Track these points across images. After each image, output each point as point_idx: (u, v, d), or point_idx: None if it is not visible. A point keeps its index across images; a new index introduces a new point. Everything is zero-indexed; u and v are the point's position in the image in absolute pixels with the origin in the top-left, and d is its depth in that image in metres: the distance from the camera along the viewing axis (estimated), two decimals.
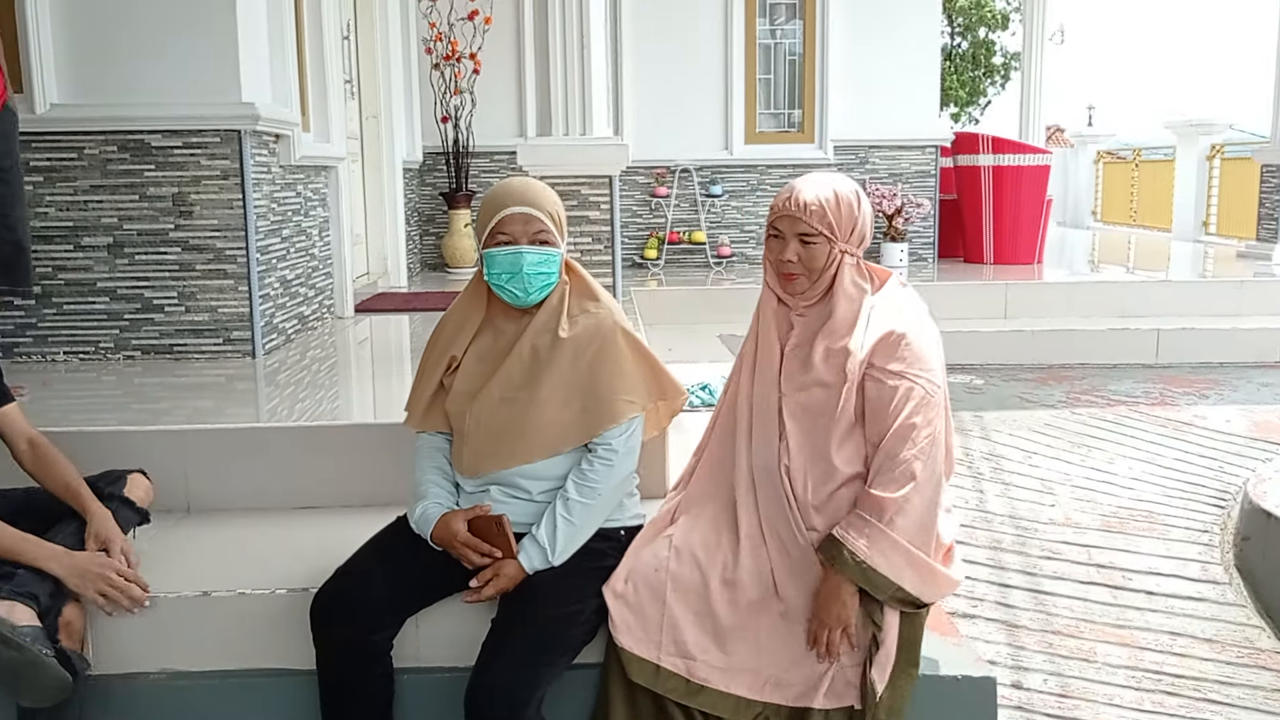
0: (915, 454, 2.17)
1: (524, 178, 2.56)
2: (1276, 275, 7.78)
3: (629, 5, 8.38)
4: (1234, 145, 13.92)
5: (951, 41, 26.23)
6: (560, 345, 2.42)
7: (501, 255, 2.40)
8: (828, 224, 2.27)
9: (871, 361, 2.23)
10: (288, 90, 4.66)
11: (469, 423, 2.44)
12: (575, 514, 2.36)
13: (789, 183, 2.37)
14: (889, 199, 8.18)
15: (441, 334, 2.56)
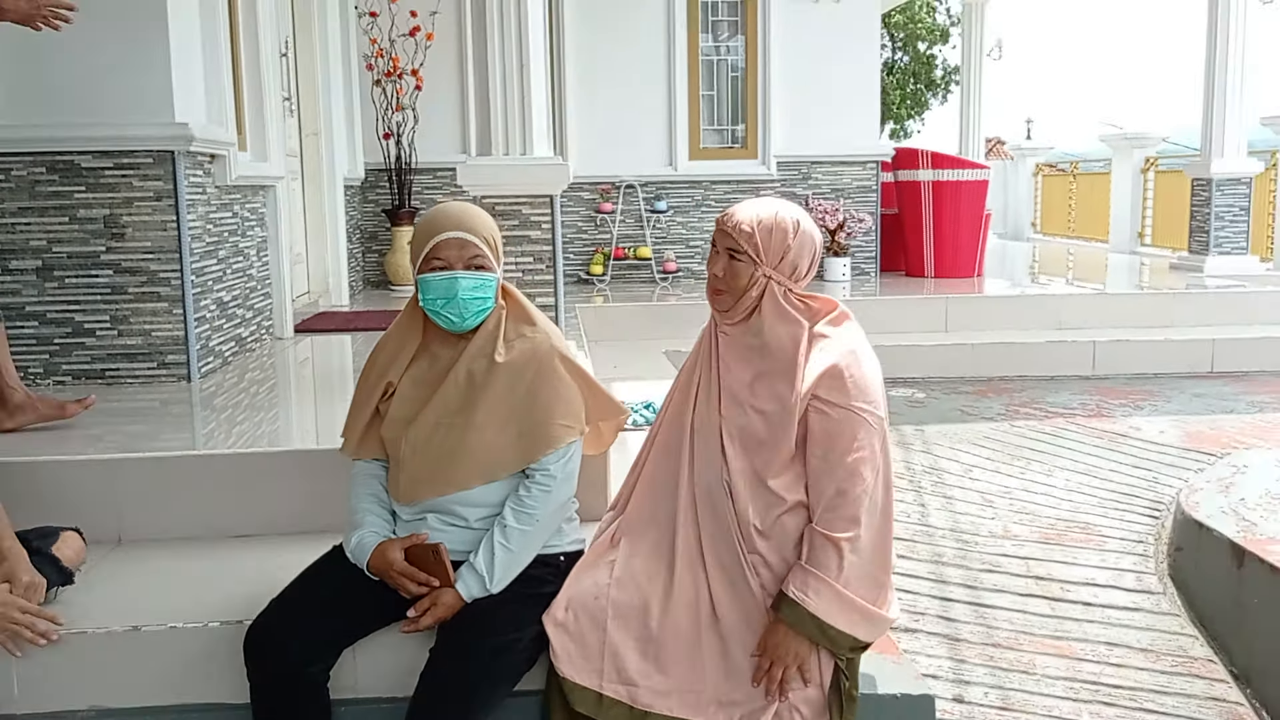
0: (862, 490, 2.18)
1: (460, 202, 2.55)
2: (1208, 287, 7.96)
3: (572, 21, 8.39)
4: (1167, 158, 14.25)
5: (893, 55, 26.58)
6: (497, 370, 2.41)
7: (436, 280, 2.38)
8: (754, 245, 2.29)
9: (815, 394, 2.23)
10: (223, 109, 4.60)
11: (405, 449, 2.42)
12: (513, 541, 2.34)
13: (738, 203, 2.40)
14: (831, 214, 8.26)
15: (377, 360, 2.54)
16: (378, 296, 7.58)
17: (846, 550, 2.16)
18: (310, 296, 6.62)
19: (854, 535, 2.16)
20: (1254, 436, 5.27)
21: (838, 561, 2.16)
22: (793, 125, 8.61)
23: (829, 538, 2.17)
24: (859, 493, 2.17)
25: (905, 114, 26.79)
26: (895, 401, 6.13)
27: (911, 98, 26.57)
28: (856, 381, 2.23)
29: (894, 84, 26.09)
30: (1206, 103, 8.81)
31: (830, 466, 2.20)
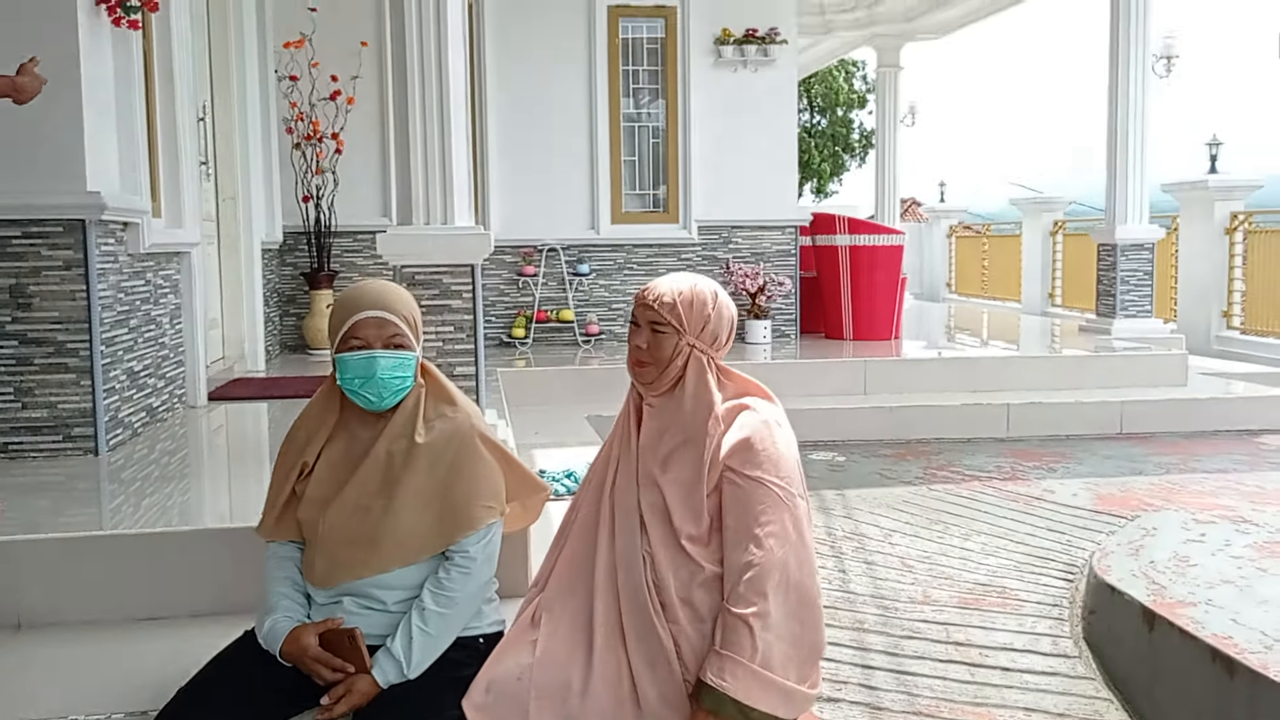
0: (770, 564, 2.18)
1: (379, 280, 2.54)
2: (1115, 350, 8.19)
3: (494, 85, 8.45)
4: (1075, 220, 14.76)
5: (812, 119, 27.23)
6: (416, 451, 2.39)
7: (354, 360, 2.36)
8: (677, 316, 2.35)
9: (728, 464, 2.26)
10: (138, 176, 4.53)
11: (322, 531, 2.37)
12: (431, 624, 2.30)
13: (656, 278, 2.45)
14: (752, 278, 8.37)
15: (294, 439, 2.49)
16: (295, 361, 7.46)
17: (758, 628, 2.15)
18: (225, 362, 6.50)
19: (761, 610, 2.16)
20: (1161, 498, 5.41)
21: (750, 641, 2.15)
22: (713, 190, 8.74)
23: (739, 616, 2.16)
24: (767, 566, 2.17)
25: (826, 174, 27.41)
26: (816, 465, 6.19)
27: (831, 160, 27.20)
28: (769, 454, 2.26)
29: (814, 146, 26.71)
30: (1109, 172, 9.14)
31: (739, 538, 2.22)
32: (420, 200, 4.24)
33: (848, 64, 25.83)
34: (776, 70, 8.78)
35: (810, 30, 13.45)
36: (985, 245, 16.95)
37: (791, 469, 2.29)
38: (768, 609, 2.17)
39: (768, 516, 2.21)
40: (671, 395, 2.38)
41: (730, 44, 8.60)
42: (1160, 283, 11.11)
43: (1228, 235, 10.92)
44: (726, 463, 2.26)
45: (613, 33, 8.62)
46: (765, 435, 2.28)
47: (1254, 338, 10.52)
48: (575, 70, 8.58)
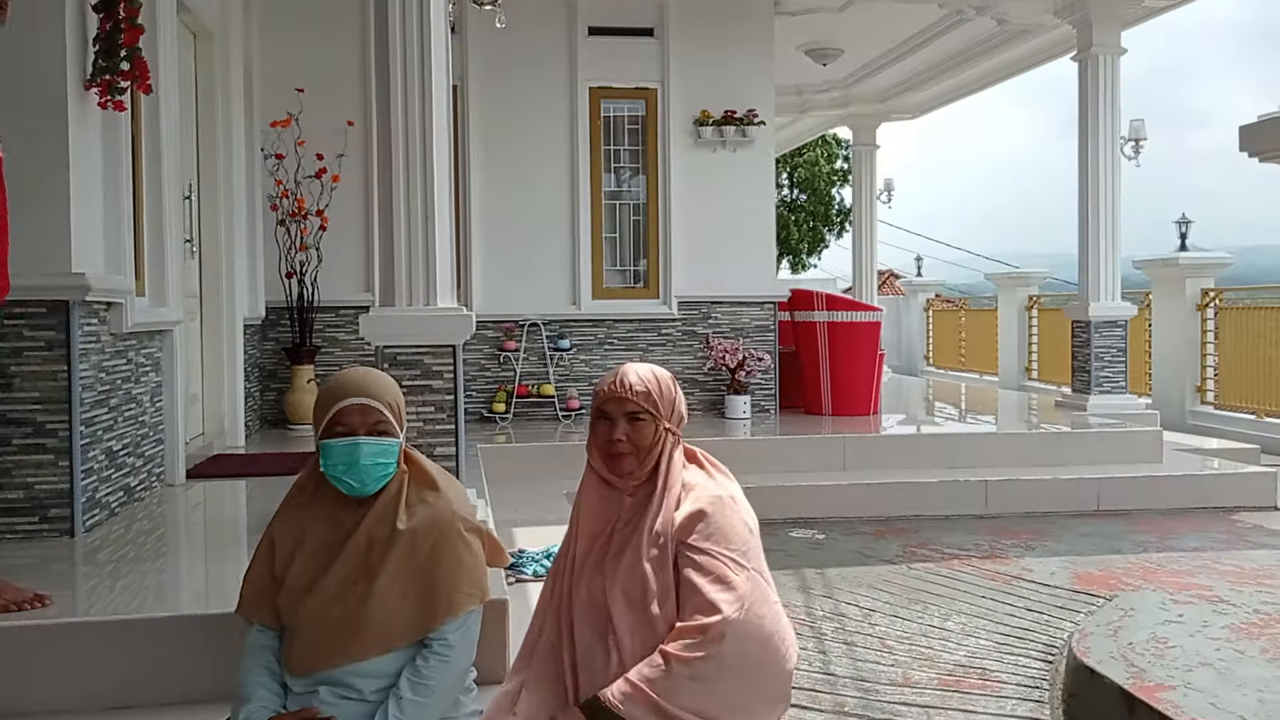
0: (713, 629, 2.20)
1: (363, 368, 2.57)
2: (1091, 426, 8.26)
3: (478, 160, 8.56)
4: (1050, 295, 14.95)
5: (792, 194, 27.62)
6: (398, 537, 2.40)
7: (338, 446, 2.39)
8: (652, 402, 2.41)
9: (680, 539, 2.32)
10: (122, 256, 4.56)
11: (301, 618, 2.37)
12: (408, 713, 2.30)
13: (608, 372, 2.49)
14: (731, 353, 8.43)
15: (276, 524, 2.51)
16: (275, 436, 7.45)
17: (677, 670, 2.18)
18: (205, 438, 6.47)
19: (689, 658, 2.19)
20: (1139, 577, 5.43)
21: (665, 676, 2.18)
22: (693, 266, 8.84)
23: (665, 653, 2.21)
24: (709, 631, 2.20)
25: (806, 249, 27.73)
26: (796, 543, 6.19)
27: (810, 235, 27.53)
28: (720, 527, 2.32)
29: (793, 222, 27.06)
30: (1081, 250, 9.31)
31: (687, 609, 2.26)
32: (403, 282, 4.29)
33: (828, 142, 26.26)
34: (754, 150, 8.94)
35: (788, 109, 13.72)
36: (962, 319, 17.13)
37: (743, 541, 2.33)
38: (698, 659, 2.19)
39: (715, 587, 2.24)
40: (650, 482, 2.42)
41: (709, 125, 8.77)
42: (1135, 357, 11.25)
43: (1199, 311, 11.09)
44: (678, 537, 2.32)
45: (594, 113, 8.77)
46: (718, 509, 2.35)
47: (1227, 412, 10.62)
48: (558, 148, 8.71)
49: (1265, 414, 10.11)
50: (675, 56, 8.76)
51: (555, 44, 8.64)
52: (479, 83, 8.53)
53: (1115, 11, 9.14)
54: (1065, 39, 9.96)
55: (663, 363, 8.74)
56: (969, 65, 11.62)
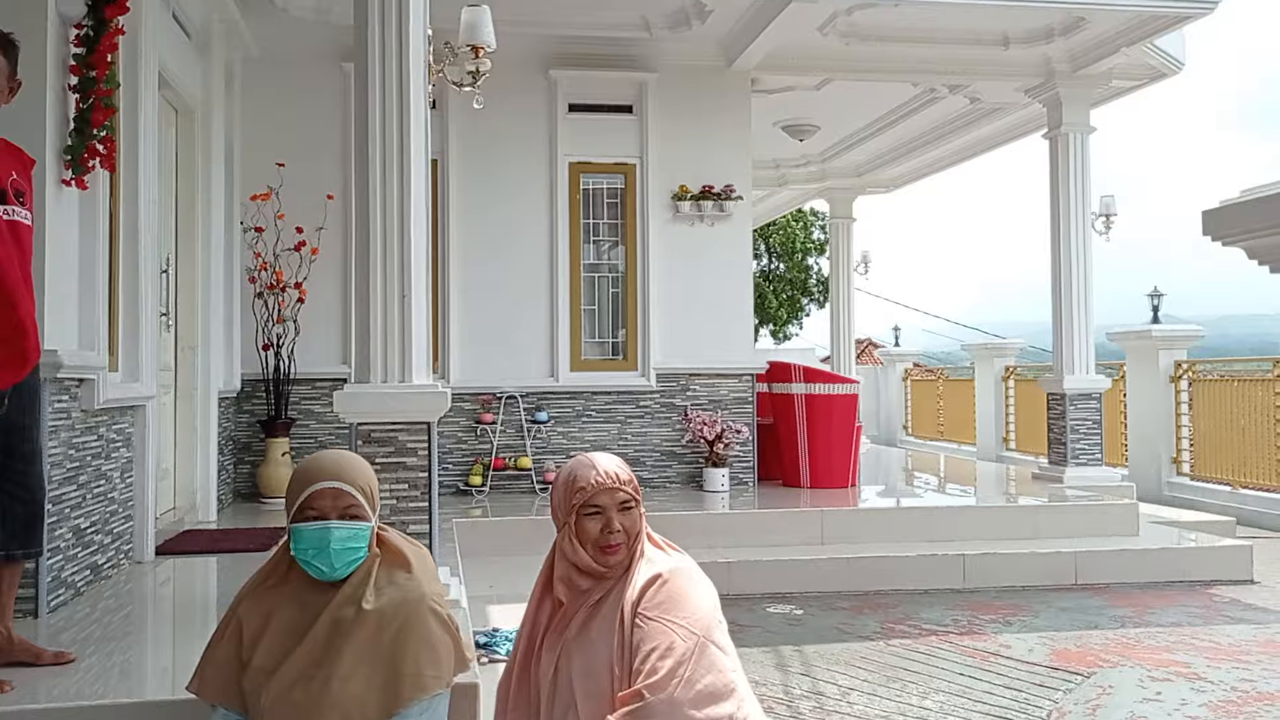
0: (653, 700, 2.18)
1: (337, 451, 2.57)
2: (1068, 498, 8.28)
3: (457, 233, 8.60)
4: (1025, 367, 15.06)
5: (770, 264, 27.86)
6: (364, 617, 2.38)
7: (309, 531, 2.38)
8: (634, 487, 2.47)
9: (635, 608, 2.33)
10: (96, 332, 4.54)
11: (265, 701, 2.34)
12: None
13: (575, 468, 2.49)
14: (709, 425, 8.43)
15: (243, 605, 2.48)
16: (247, 510, 7.37)
17: None
18: (176, 513, 6.40)
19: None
20: (1117, 654, 5.40)
21: None
22: (671, 338, 8.87)
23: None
24: (650, 701, 2.18)
25: (785, 318, 27.89)
26: (774, 619, 6.14)
27: (788, 304, 27.72)
28: (671, 595, 2.32)
29: (772, 291, 27.26)
30: (1055, 324, 9.41)
31: (637, 675, 2.24)
32: (378, 358, 4.28)
33: (805, 213, 26.57)
34: (732, 224, 9.03)
35: (766, 182, 13.90)
36: (940, 389, 17.21)
37: (694, 611, 2.32)
38: None
39: (661, 654, 2.23)
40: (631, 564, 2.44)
41: (687, 199, 8.87)
42: (1111, 429, 11.31)
43: (1173, 383, 11.19)
44: (635, 607, 2.33)
45: (574, 187, 8.85)
46: (673, 578, 2.36)
47: (1203, 484, 10.67)
48: (537, 221, 8.77)
49: (1240, 485, 10.16)
50: (654, 133, 8.88)
51: (536, 120, 8.75)
52: (459, 157, 8.61)
53: (1083, 91, 9.34)
54: (1037, 116, 10.17)
55: (641, 435, 8.74)
56: (943, 141, 11.83)
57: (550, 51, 8.68)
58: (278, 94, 8.19)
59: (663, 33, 8.48)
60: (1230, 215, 2.67)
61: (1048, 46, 8.89)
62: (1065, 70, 9.19)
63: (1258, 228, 2.59)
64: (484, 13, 5.18)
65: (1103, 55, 8.80)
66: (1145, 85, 9.77)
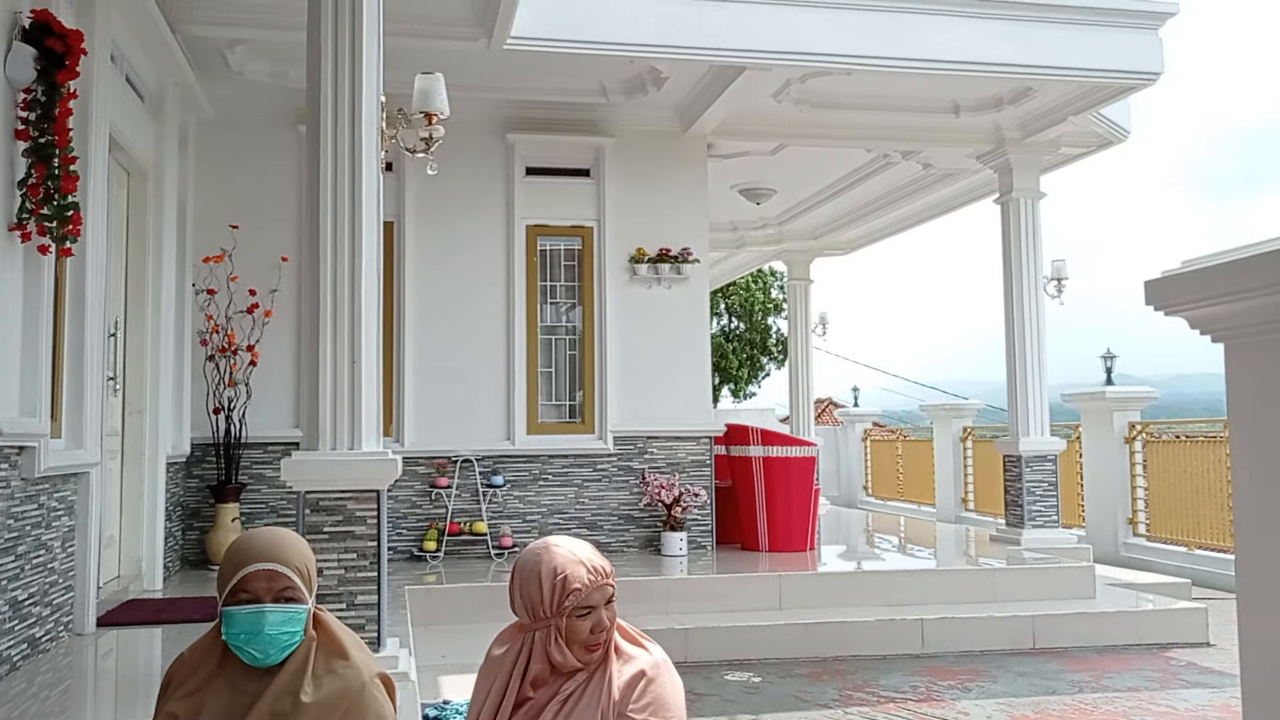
0: None
1: (272, 529, 2.48)
2: (1025, 561, 8.29)
3: (413, 296, 8.55)
4: (983, 428, 15.16)
5: (730, 323, 27.99)
6: (303, 710, 2.29)
7: (242, 615, 2.29)
8: (612, 577, 2.36)
9: (620, 709, 2.24)
10: (38, 398, 4.45)
11: None
12: None
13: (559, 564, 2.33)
14: (667, 488, 8.38)
15: (170, 693, 2.38)
16: (195, 577, 7.21)
17: None
18: (120, 582, 6.24)
19: None
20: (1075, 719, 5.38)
21: None
22: (629, 401, 8.85)
23: None
24: None
25: (745, 378, 27.97)
26: (731, 687, 6.06)
27: (748, 364, 27.81)
28: (659, 696, 2.26)
29: (731, 351, 27.35)
30: (1010, 386, 9.48)
31: None
32: (327, 424, 4.23)
33: (764, 274, 26.78)
34: (689, 286, 9.07)
35: (724, 244, 14.00)
36: (899, 449, 17.27)
37: (676, 709, 2.28)
38: None
39: None
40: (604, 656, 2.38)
41: (644, 262, 8.90)
42: (1068, 489, 11.38)
43: (1127, 444, 11.30)
44: (619, 707, 2.24)
45: (531, 249, 8.86)
46: (658, 675, 2.30)
47: (1159, 545, 10.73)
48: (494, 283, 8.74)
49: (1195, 546, 10.23)
50: (611, 196, 8.93)
51: (493, 182, 8.77)
52: (416, 218, 8.60)
53: (1033, 158, 9.52)
54: (989, 181, 10.34)
55: (599, 499, 8.68)
56: (898, 205, 11.99)
57: (508, 115, 8.73)
58: (232, 156, 8.16)
59: (619, 98, 8.56)
60: (1171, 286, 2.70)
61: (997, 114, 9.07)
62: (1015, 138, 9.37)
63: (1198, 298, 2.63)
64: (437, 80, 5.20)
65: (1051, 123, 8.98)
66: (1093, 152, 9.99)
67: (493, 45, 7.04)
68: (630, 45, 7.41)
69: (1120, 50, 7.98)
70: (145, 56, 6.52)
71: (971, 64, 7.85)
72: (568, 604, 2.28)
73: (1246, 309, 2.44)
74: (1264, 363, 2.44)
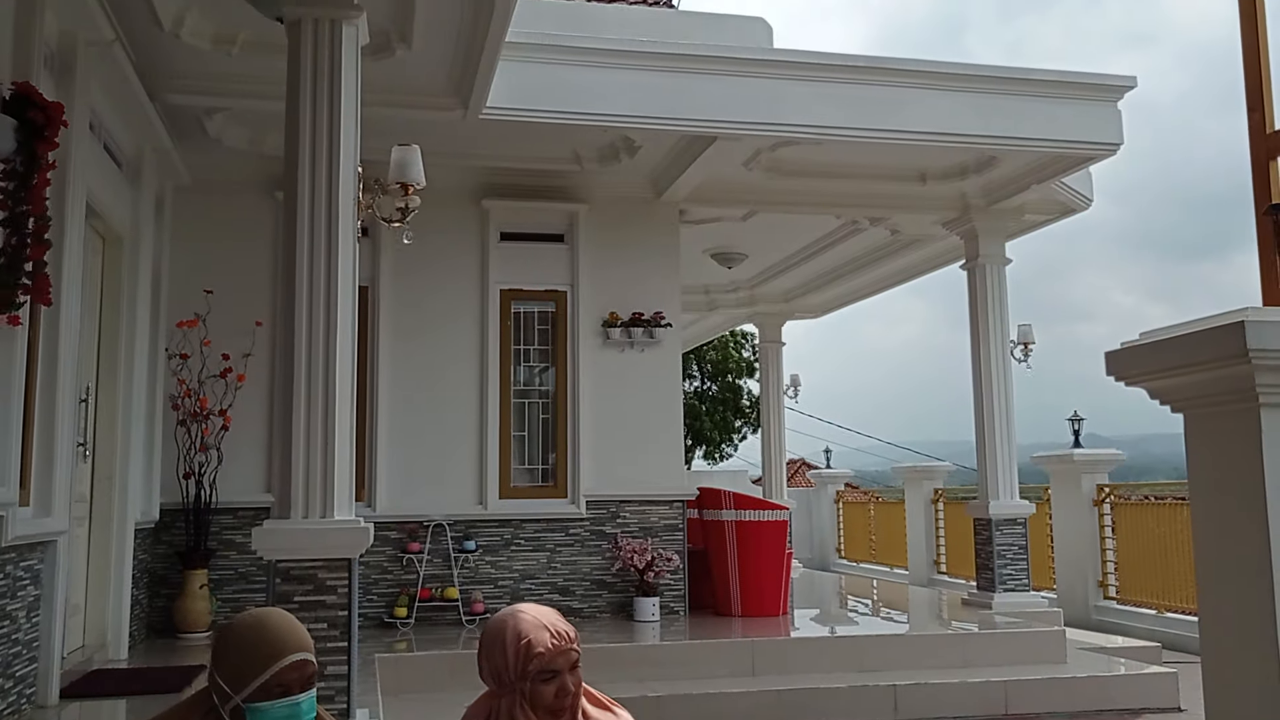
0: None
1: (281, 612, 2.39)
2: (997, 625, 8.30)
3: (386, 359, 8.55)
4: (953, 491, 15.23)
5: (703, 384, 28.08)
6: None
7: (279, 710, 2.21)
8: (577, 640, 2.37)
9: None
10: (7, 466, 4.42)
11: None
12: None
13: (523, 628, 2.34)
14: (640, 553, 8.36)
15: None
16: (161, 647, 7.10)
17: None
18: (85, 651, 6.14)
19: None
20: None
21: None
22: (601, 465, 8.85)
23: None
24: None
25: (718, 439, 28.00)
26: None
27: (721, 425, 27.87)
28: None
29: (704, 412, 27.42)
30: (979, 449, 9.56)
31: None
32: (299, 492, 4.23)
33: (736, 335, 26.94)
34: (662, 350, 9.12)
35: (696, 307, 14.11)
36: (872, 511, 17.31)
37: None
38: None
39: None
40: None
41: (617, 326, 8.96)
42: (1038, 551, 11.43)
43: (1096, 507, 11.39)
44: None
45: (505, 313, 8.91)
46: None
47: (1130, 608, 10.78)
48: (468, 347, 8.77)
49: (1165, 609, 10.28)
50: (585, 261, 9.01)
51: (468, 248, 8.84)
52: (390, 283, 8.63)
53: (999, 225, 9.70)
54: (956, 246, 10.51)
55: (571, 564, 8.64)
56: (867, 270, 12.15)
57: (483, 182, 8.83)
58: (208, 221, 8.20)
59: (593, 166, 8.68)
60: (1130, 357, 2.77)
61: (963, 183, 9.26)
62: (980, 205, 9.56)
63: (1156, 370, 2.70)
64: (414, 152, 5.28)
65: (1015, 191, 9.17)
66: (1057, 219, 10.19)
67: (469, 115, 7.15)
68: (604, 115, 7.54)
69: (1081, 122, 8.19)
70: (123, 124, 6.58)
71: (937, 134, 8.03)
72: (531, 668, 2.29)
73: (1203, 380, 2.52)
74: (1222, 432, 2.51)
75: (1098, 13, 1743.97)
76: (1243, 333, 2.19)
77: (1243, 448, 2.36)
